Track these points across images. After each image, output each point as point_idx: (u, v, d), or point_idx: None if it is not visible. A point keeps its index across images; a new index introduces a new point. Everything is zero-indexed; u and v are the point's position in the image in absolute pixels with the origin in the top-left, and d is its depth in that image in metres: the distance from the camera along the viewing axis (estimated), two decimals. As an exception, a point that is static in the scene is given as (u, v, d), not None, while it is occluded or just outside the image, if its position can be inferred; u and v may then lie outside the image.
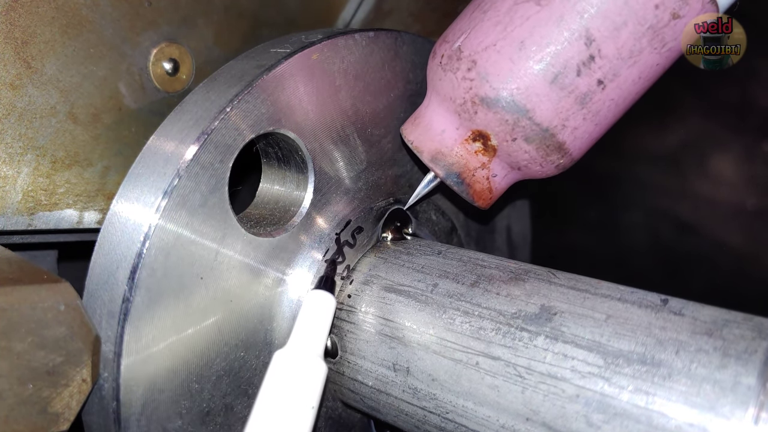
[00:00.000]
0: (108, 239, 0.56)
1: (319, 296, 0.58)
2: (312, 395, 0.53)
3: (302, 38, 0.65)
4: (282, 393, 0.53)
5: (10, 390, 0.47)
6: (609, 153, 2.59)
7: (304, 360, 0.54)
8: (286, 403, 0.52)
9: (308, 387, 0.53)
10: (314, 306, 0.58)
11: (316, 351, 0.55)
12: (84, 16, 0.63)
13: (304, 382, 0.53)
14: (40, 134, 0.63)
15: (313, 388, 0.54)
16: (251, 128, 0.58)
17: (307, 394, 0.53)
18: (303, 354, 0.55)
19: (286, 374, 0.54)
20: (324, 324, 0.57)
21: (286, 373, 0.54)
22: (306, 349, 0.55)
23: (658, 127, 2.50)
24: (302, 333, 0.56)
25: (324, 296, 0.58)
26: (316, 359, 0.55)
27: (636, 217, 2.43)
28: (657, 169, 2.43)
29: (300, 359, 0.54)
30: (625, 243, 2.40)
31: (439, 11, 0.88)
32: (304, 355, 0.55)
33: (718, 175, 2.44)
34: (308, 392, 0.53)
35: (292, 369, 0.54)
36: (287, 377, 0.53)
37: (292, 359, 0.54)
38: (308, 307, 0.58)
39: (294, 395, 0.53)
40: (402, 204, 0.71)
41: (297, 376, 0.53)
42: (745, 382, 0.46)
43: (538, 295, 0.57)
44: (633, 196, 2.44)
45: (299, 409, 0.52)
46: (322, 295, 0.58)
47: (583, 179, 2.49)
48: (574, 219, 2.47)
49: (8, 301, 0.48)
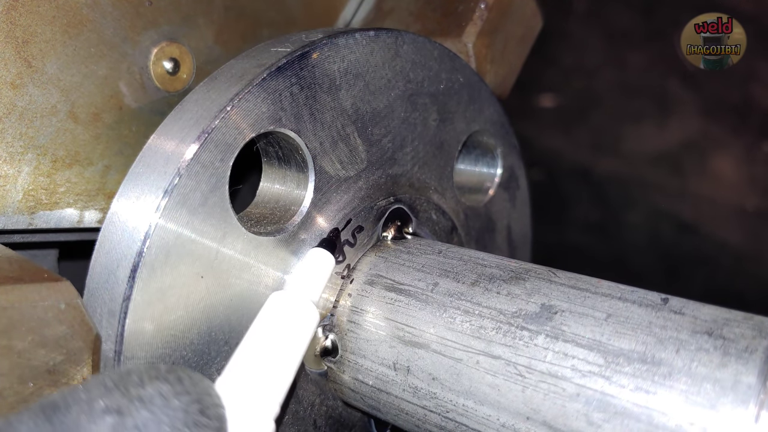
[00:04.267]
0: (108, 238, 0.56)
1: (319, 253, 0.62)
2: (303, 336, 0.54)
3: (303, 37, 0.65)
4: (275, 327, 0.54)
5: (11, 388, 0.48)
6: (609, 153, 2.61)
7: (299, 302, 0.55)
8: (275, 340, 0.53)
9: (301, 325, 0.54)
10: (314, 261, 0.61)
11: (311, 297, 0.58)
12: (84, 16, 0.63)
13: (298, 320, 0.54)
14: (41, 133, 0.63)
15: (304, 329, 0.55)
16: (252, 127, 0.58)
17: (298, 333, 0.54)
18: (298, 297, 0.56)
19: (279, 312, 0.54)
20: (321, 277, 0.60)
21: (280, 311, 0.55)
22: (302, 294, 0.57)
23: (658, 127, 2.50)
24: (299, 281, 0.59)
25: (324, 254, 0.62)
26: (310, 304, 0.56)
27: (636, 217, 2.43)
28: (657, 169, 2.43)
29: (295, 301, 0.55)
30: (625, 243, 2.40)
31: (439, 11, 0.88)
32: (300, 298, 0.56)
33: (718, 175, 2.45)
34: (299, 332, 0.54)
35: (286, 308, 0.55)
36: (280, 315, 0.54)
37: (287, 300, 0.55)
38: (308, 261, 0.61)
39: (285, 333, 0.53)
40: (402, 203, 0.71)
41: (290, 315, 0.54)
42: (746, 381, 0.46)
43: (539, 294, 0.57)
44: (633, 196, 2.44)
45: (288, 347, 0.53)
46: (322, 253, 0.62)
47: (584, 179, 2.49)
48: (574, 219, 2.47)
49: (9, 299, 0.48)
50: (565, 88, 2.59)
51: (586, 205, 2.48)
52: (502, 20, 0.89)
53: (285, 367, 0.52)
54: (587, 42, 2.55)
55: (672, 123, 2.46)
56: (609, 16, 2.57)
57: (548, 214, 1.94)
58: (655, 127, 2.47)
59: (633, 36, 2.51)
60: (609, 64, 2.54)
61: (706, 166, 2.43)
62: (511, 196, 0.90)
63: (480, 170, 0.87)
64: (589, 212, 2.48)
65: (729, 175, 2.41)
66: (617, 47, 2.52)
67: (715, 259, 2.29)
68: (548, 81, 2.53)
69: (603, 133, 2.52)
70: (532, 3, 0.96)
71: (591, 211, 2.47)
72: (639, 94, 2.49)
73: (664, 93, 2.46)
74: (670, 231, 2.36)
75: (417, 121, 0.73)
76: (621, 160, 2.47)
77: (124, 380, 0.41)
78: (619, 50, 2.52)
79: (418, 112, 0.73)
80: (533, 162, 2.11)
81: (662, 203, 2.38)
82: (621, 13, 2.55)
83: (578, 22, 2.55)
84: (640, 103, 2.50)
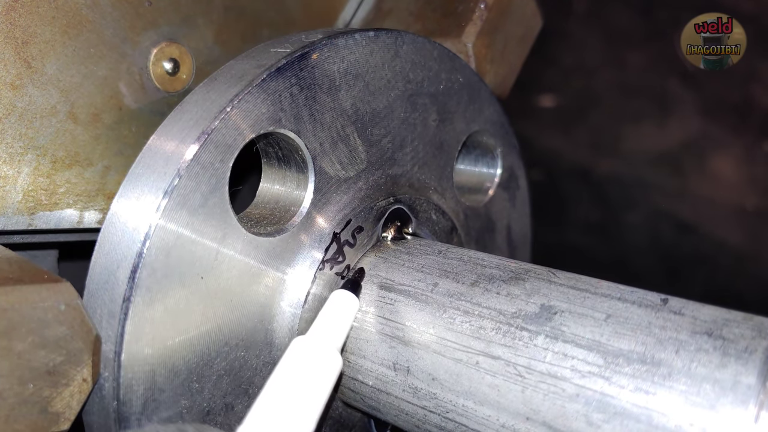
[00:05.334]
0: (108, 239, 0.56)
1: (344, 295, 0.61)
2: (325, 384, 0.53)
3: (302, 38, 0.65)
4: (296, 377, 0.52)
5: (11, 390, 0.48)
6: (609, 153, 2.61)
7: (322, 349, 0.54)
8: (298, 387, 0.52)
9: (323, 375, 0.53)
10: (339, 303, 0.60)
11: (334, 344, 0.56)
12: (84, 16, 0.64)
13: (320, 370, 0.53)
14: (41, 134, 0.63)
15: (327, 378, 0.54)
16: (251, 128, 0.58)
17: (320, 382, 0.53)
18: (322, 344, 0.55)
19: (302, 360, 0.54)
20: (346, 322, 0.59)
21: (303, 358, 0.54)
22: (325, 340, 0.56)
23: (658, 127, 2.50)
24: (323, 326, 0.58)
25: (349, 296, 0.61)
26: (334, 351, 0.55)
27: (636, 217, 2.43)
28: (657, 169, 2.44)
29: (318, 348, 0.54)
30: (625, 243, 2.40)
31: (439, 11, 0.88)
32: (323, 345, 0.55)
33: (718, 175, 2.45)
34: (322, 380, 0.53)
35: (309, 356, 0.54)
36: (303, 363, 0.53)
37: (310, 346, 0.54)
38: (333, 303, 0.60)
39: (307, 381, 0.52)
40: (402, 203, 0.71)
41: (313, 363, 0.53)
42: (745, 381, 0.46)
43: (538, 295, 0.57)
44: (633, 196, 2.44)
45: (310, 395, 0.52)
46: (348, 295, 0.61)
47: (584, 179, 2.49)
48: (574, 219, 2.47)
49: (9, 300, 0.48)
50: (564, 88, 2.59)
51: (586, 205, 2.48)
52: (502, 20, 0.89)
53: (306, 417, 0.51)
54: (587, 42, 2.55)
55: (672, 123, 2.46)
56: (609, 16, 2.57)
57: (548, 214, 1.94)
58: (655, 127, 2.48)
59: (633, 36, 2.51)
60: (609, 64, 2.54)
61: (706, 166, 2.43)
62: (511, 196, 0.90)
63: (480, 170, 0.87)
64: (589, 212, 2.48)
65: (729, 175, 2.41)
66: (617, 47, 2.52)
67: (715, 259, 2.29)
68: (548, 81, 2.54)
69: (602, 133, 2.52)
70: (532, 3, 0.96)
71: (591, 212, 2.48)
72: (639, 94, 2.49)
73: (664, 93, 2.46)
74: (670, 231, 2.36)
75: (417, 121, 0.73)
76: (621, 160, 2.47)
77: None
78: (618, 50, 2.52)
79: (418, 113, 0.73)
80: (533, 162, 2.11)
81: (662, 203, 2.38)
82: (621, 13, 2.55)
83: (578, 22, 2.55)
84: (640, 103, 2.50)
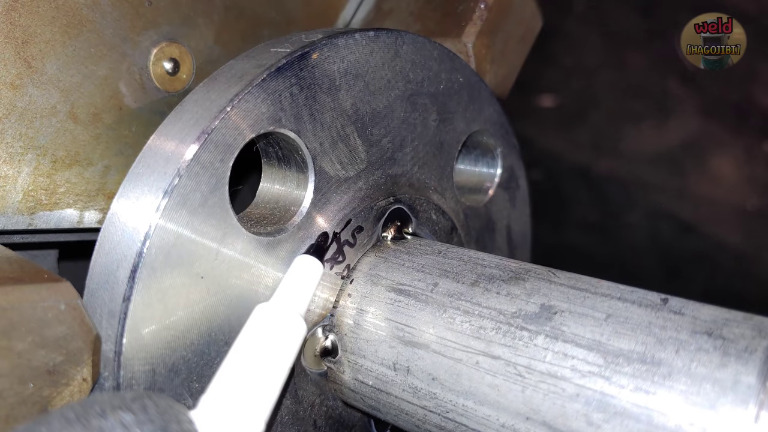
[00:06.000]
0: (108, 238, 0.56)
1: (307, 260, 0.59)
2: (289, 350, 0.53)
3: (302, 38, 0.65)
4: (259, 343, 0.52)
5: (11, 389, 0.48)
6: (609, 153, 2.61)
7: (285, 315, 0.54)
8: (261, 353, 0.51)
9: (286, 341, 0.53)
10: (302, 268, 0.59)
11: (298, 309, 0.56)
12: (84, 16, 0.63)
13: (283, 335, 0.53)
14: (41, 134, 0.63)
15: (291, 343, 0.53)
16: (251, 128, 0.58)
17: (284, 347, 0.53)
18: (285, 309, 0.54)
19: (265, 325, 0.53)
20: (309, 286, 0.58)
21: (266, 324, 0.53)
22: (288, 306, 0.55)
23: (658, 127, 2.50)
24: (287, 291, 0.57)
25: (312, 261, 0.60)
26: (297, 316, 0.55)
27: (636, 217, 2.43)
28: (657, 169, 2.44)
29: (282, 313, 0.54)
30: (625, 243, 2.40)
31: (439, 11, 0.88)
32: (286, 310, 0.54)
33: (718, 175, 2.45)
34: (286, 346, 0.53)
35: (273, 321, 0.53)
36: (266, 328, 0.53)
37: (273, 312, 0.54)
38: (295, 269, 0.59)
39: (271, 347, 0.52)
40: (402, 203, 0.71)
41: (276, 328, 0.53)
42: (745, 381, 0.46)
43: (539, 295, 0.57)
44: (633, 196, 2.44)
45: (274, 361, 0.51)
46: (310, 260, 0.60)
47: (584, 179, 2.49)
48: (574, 219, 2.47)
49: (9, 300, 0.48)
50: (564, 88, 2.59)
51: (586, 205, 2.48)
52: (502, 20, 0.89)
53: (270, 384, 0.50)
54: (587, 42, 2.55)
55: (672, 123, 2.46)
56: (609, 17, 2.57)
57: (548, 214, 1.94)
58: (655, 127, 2.48)
59: (633, 36, 2.51)
60: (609, 65, 2.54)
61: (706, 166, 2.43)
62: (511, 196, 0.90)
63: (480, 170, 0.87)
64: (588, 212, 2.48)
65: (729, 175, 2.41)
66: (617, 47, 2.52)
67: (715, 259, 2.29)
68: (548, 81, 2.54)
69: (603, 133, 2.52)
70: (532, 3, 0.96)
71: (591, 211, 2.48)
72: (639, 94, 2.49)
73: (664, 93, 2.46)
74: (670, 231, 2.36)
75: (417, 121, 0.73)
76: (621, 160, 2.47)
77: (86, 411, 0.41)
78: (618, 50, 2.52)
79: (418, 113, 0.73)
80: (533, 162, 2.11)
81: (662, 203, 2.38)
82: (621, 13, 2.55)
83: (578, 22, 2.55)
84: (640, 103, 2.50)
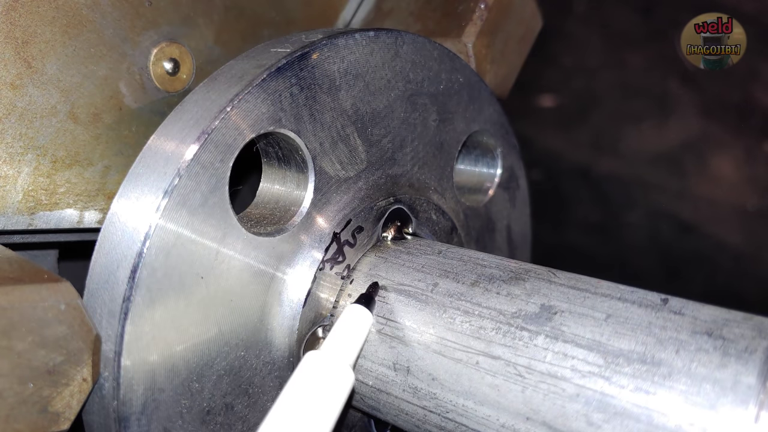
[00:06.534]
0: (108, 239, 0.56)
1: (358, 310, 0.60)
2: (337, 400, 0.53)
3: (302, 38, 0.65)
4: (308, 393, 0.52)
5: (11, 389, 0.48)
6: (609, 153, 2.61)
7: (335, 365, 0.54)
8: (310, 403, 0.52)
9: (335, 391, 0.53)
10: (353, 318, 0.59)
11: (347, 360, 0.56)
12: (84, 16, 0.64)
13: (332, 386, 0.53)
14: (41, 134, 0.63)
15: (339, 394, 0.53)
16: (251, 128, 0.58)
17: (332, 398, 0.52)
18: (335, 359, 0.55)
19: (315, 375, 0.53)
20: (359, 337, 0.59)
21: (316, 373, 0.53)
22: (338, 356, 0.55)
23: (659, 127, 2.50)
24: (337, 341, 0.57)
25: (363, 312, 0.60)
26: (347, 367, 0.55)
27: (636, 217, 2.43)
28: (657, 169, 2.44)
29: (331, 363, 0.54)
30: (625, 243, 2.40)
31: (439, 11, 0.88)
32: (336, 360, 0.54)
33: (718, 175, 2.45)
34: (334, 396, 0.53)
35: (322, 371, 0.53)
36: (316, 378, 0.53)
37: (323, 362, 0.54)
38: (347, 318, 0.59)
39: (319, 397, 0.52)
40: (402, 203, 0.71)
41: (326, 378, 0.53)
42: (745, 381, 0.46)
43: (539, 295, 0.57)
44: (633, 196, 2.44)
45: (322, 411, 0.51)
46: (362, 311, 0.60)
47: (584, 179, 2.49)
48: (574, 219, 2.47)
49: (9, 300, 0.48)
50: (565, 88, 2.59)
51: (586, 205, 2.48)
52: (502, 20, 0.89)
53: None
54: (587, 42, 2.55)
55: (672, 123, 2.46)
56: (609, 17, 2.57)
57: (548, 214, 1.94)
58: (655, 127, 2.48)
59: (633, 36, 2.51)
60: (609, 65, 2.54)
61: (706, 166, 2.43)
62: (511, 196, 0.90)
63: (480, 170, 0.87)
64: (589, 212, 2.48)
65: (729, 175, 2.41)
66: (617, 47, 2.52)
67: (715, 259, 2.29)
68: (548, 81, 2.54)
69: (603, 133, 2.52)
70: (532, 3, 0.96)
71: (591, 211, 2.48)
72: (639, 94, 2.49)
73: (664, 93, 2.46)
74: (670, 231, 2.36)
75: (417, 121, 0.73)
76: (621, 160, 2.47)
77: None
78: (619, 50, 2.52)
79: (418, 113, 0.73)
80: (533, 162, 2.11)
81: (662, 203, 2.38)
82: (621, 13, 2.55)
83: (578, 22, 2.55)
84: (640, 103, 2.50)
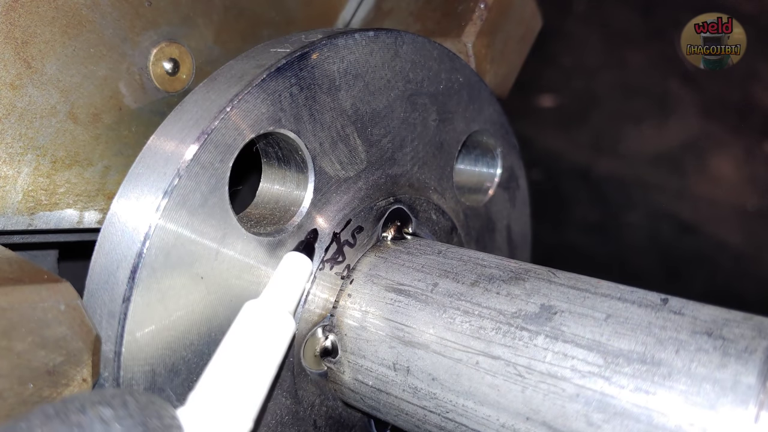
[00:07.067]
0: (108, 239, 0.56)
1: (296, 257, 0.60)
2: (278, 348, 0.53)
3: (302, 38, 0.65)
4: (248, 341, 0.52)
5: (11, 390, 0.47)
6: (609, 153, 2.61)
7: (274, 312, 0.54)
8: (250, 351, 0.52)
9: (275, 338, 0.53)
10: (291, 266, 0.59)
11: (287, 307, 0.56)
12: (84, 16, 0.63)
13: (272, 333, 0.53)
14: (41, 134, 0.63)
15: (280, 341, 0.53)
16: (251, 128, 0.58)
17: (273, 345, 0.53)
18: (274, 307, 0.55)
19: (254, 323, 0.53)
20: (298, 284, 0.59)
21: (255, 322, 0.53)
22: (277, 304, 0.56)
23: (659, 127, 2.50)
24: (276, 289, 0.57)
25: (301, 258, 0.60)
26: (286, 314, 0.55)
27: (636, 217, 2.43)
28: (657, 169, 2.44)
29: (271, 311, 0.54)
30: (625, 243, 2.40)
31: (439, 11, 0.88)
32: (275, 308, 0.55)
33: (718, 175, 2.45)
34: (275, 343, 0.53)
35: (261, 319, 0.53)
36: (255, 326, 0.53)
37: (262, 309, 0.54)
38: (285, 267, 0.59)
39: (260, 344, 0.52)
40: (402, 203, 0.71)
41: (265, 326, 0.53)
42: (745, 381, 0.46)
43: (539, 295, 0.57)
44: (633, 196, 2.44)
45: (263, 358, 0.52)
46: (300, 257, 0.60)
47: (584, 179, 2.49)
48: (574, 219, 2.47)
49: (9, 300, 0.48)
50: (565, 88, 2.59)
51: (586, 205, 2.48)
52: (502, 20, 0.89)
53: (258, 382, 0.51)
54: (587, 42, 2.55)
55: (672, 123, 2.46)
56: (609, 17, 2.57)
57: (548, 214, 1.94)
58: (655, 128, 2.48)
59: (633, 36, 2.51)
60: (609, 64, 2.54)
61: (706, 166, 2.43)
62: (511, 196, 0.90)
63: (480, 170, 0.87)
64: (588, 212, 2.48)
65: (729, 175, 2.41)
66: (617, 47, 2.52)
67: (715, 259, 2.29)
68: (548, 81, 2.54)
69: (603, 133, 2.52)
70: (532, 3, 0.96)
71: (591, 211, 2.48)
72: (639, 94, 2.50)
73: (664, 93, 2.46)
74: (670, 231, 2.36)
75: (417, 121, 0.73)
76: (621, 160, 2.47)
77: (66, 407, 0.41)
78: (619, 50, 2.52)
79: (418, 113, 0.73)
80: (533, 162, 2.11)
81: (662, 203, 2.38)
82: (621, 13, 2.55)
83: (578, 22, 2.55)
84: (640, 103, 2.50)
